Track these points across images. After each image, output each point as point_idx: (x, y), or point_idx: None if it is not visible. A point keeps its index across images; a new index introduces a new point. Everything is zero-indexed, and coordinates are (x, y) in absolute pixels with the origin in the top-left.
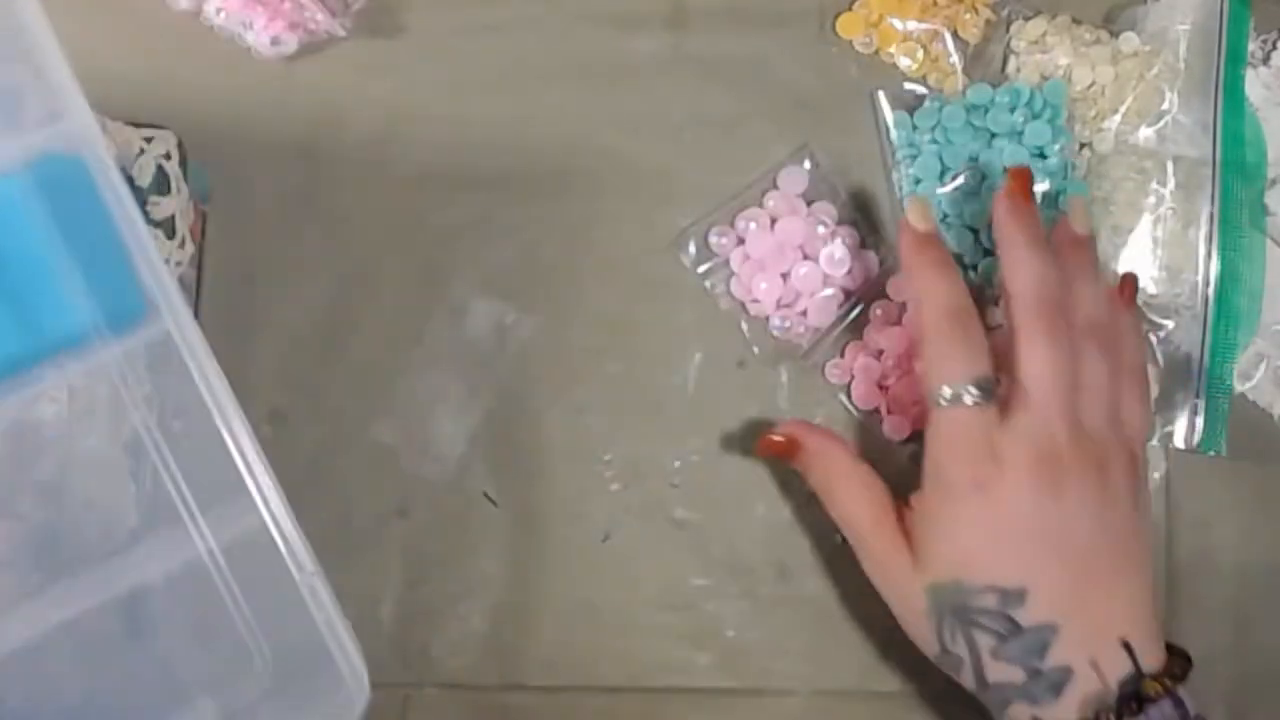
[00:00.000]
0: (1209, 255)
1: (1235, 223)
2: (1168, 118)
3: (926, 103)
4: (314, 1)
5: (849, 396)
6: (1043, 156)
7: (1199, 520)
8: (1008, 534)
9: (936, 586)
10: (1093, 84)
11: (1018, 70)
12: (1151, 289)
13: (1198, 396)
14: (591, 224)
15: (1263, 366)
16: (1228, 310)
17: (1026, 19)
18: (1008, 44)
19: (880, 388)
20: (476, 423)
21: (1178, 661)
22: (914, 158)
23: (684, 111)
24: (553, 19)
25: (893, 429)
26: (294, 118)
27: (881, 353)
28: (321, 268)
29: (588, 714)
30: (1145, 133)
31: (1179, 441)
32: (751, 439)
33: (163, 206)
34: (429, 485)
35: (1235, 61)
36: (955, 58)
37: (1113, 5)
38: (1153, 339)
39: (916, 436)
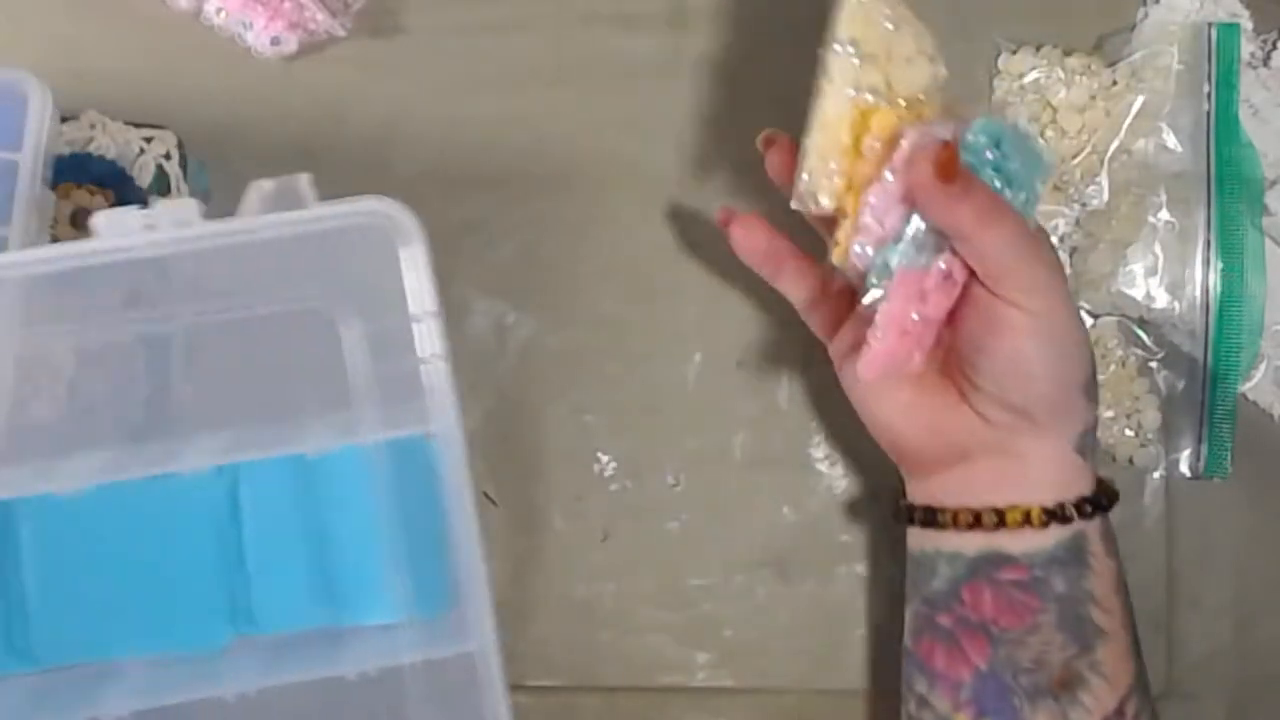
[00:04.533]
0: (1206, 279)
1: (1234, 244)
2: (1161, 140)
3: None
4: (314, 1)
5: None
6: None
7: (1199, 520)
8: None
9: None
10: (1083, 126)
11: (1004, 105)
12: (1153, 304)
13: (1201, 424)
14: (591, 224)
15: (1263, 366)
16: (1228, 335)
17: (1012, 51)
18: (991, 79)
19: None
20: (476, 423)
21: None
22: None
23: (684, 111)
24: (553, 19)
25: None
26: (294, 118)
27: None
28: None
29: (586, 714)
30: (1140, 152)
31: (1184, 469)
32: (751, 440)
33: None
34: None
35: (1226, 87)
36: None
37: (1101, 33)
38: (1154, 364)
39: None
